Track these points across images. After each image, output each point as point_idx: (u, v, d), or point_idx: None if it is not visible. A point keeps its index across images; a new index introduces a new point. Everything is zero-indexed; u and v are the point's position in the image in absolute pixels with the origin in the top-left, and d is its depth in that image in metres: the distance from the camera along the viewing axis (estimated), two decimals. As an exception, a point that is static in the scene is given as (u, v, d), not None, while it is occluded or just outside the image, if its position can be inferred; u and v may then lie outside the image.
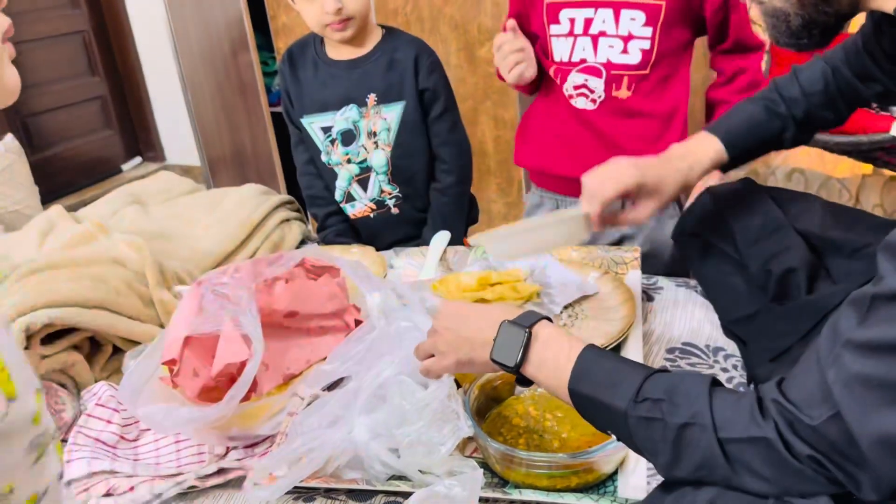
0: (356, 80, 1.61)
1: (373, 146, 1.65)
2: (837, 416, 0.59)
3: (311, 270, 1.11)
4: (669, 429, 0.69)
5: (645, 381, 0.73)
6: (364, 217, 1.74)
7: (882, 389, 0.56)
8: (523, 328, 0.81)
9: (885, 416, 0.56)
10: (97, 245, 1.34)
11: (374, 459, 0.91)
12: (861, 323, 0.59)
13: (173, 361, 0.95)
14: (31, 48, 4.04)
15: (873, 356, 0.57)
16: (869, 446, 0.57)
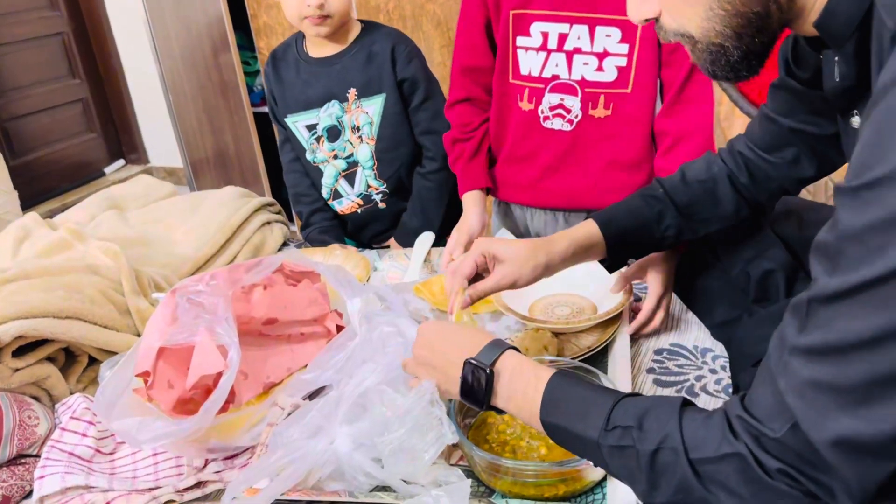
0: (336, 75, 1.62)
1: (358, 140, 1.66)
2: (796, 425, 0.58)
3: (291, 276, 1.08)
4: (642, 455, 0.68)
5: (614, 408, 0.72)
6: (351, 213, 1.75)
7: (831, 393, 0.55)
8: (484, 369, 0.81)
9: (838, 419, 0.55)
10: (72, 253, 1.31)
11: (356, 470, 0.89)
12: (802, 329, 0.58)
13: (147, 373, 0.92)
14: (10, 51, 3.98)
15: (817, 361, 0.56)
16: (828, 451, 0.56)
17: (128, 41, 4.24)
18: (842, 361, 0.55)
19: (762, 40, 0.73)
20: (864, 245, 0.52)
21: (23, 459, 1.00)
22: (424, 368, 0.90)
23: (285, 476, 0.87)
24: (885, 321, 0.52)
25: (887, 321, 0.52)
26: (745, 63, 0.75)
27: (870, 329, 0.53)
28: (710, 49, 0.75)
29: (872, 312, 0.52)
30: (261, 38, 2.90)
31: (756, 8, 0.70)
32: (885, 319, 0.52)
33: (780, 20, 0.72)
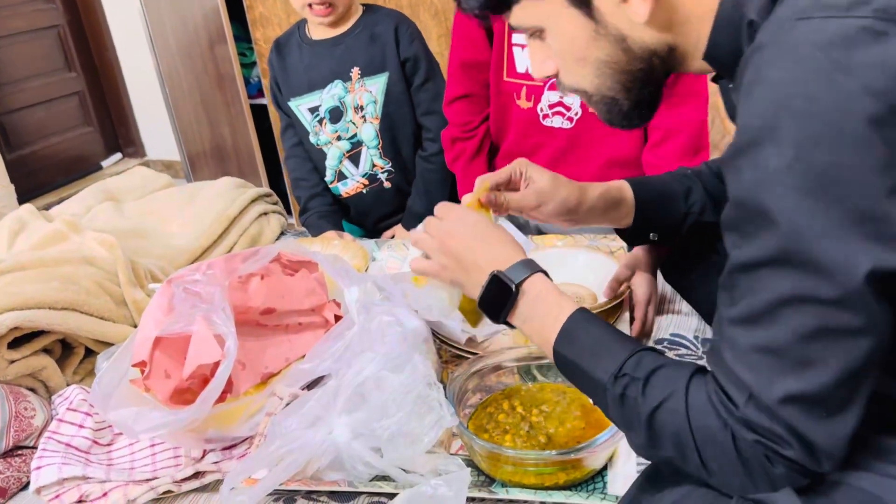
0: (339, 55, 1.64)
1: (361, 120, 1.67)
2: (752, 395, 0.60)
3: (288, 265, 1.08)
4: (644, 410, 0.68)
5: (630, 358, 0.71)
6: (357, 194, 1.75)
7: (771, 355, 0.59)
8: (511, 285, 0.80)
9: (783, 378, 0.58)
10: (68, 244, 1.30)
11: (356, 460, 0.88)
12: (732, 302, 0.62)
13: (143, 363, 0.91)
14: (5, 44, 3.96)
15: (750, 327, 0.60)
16: (783, 411, 0.59)
17: (123, 34, 4.21)
18: (770, 324, 0.59)
19: (649, 90, 0.79)
20: (744, 211, 0.59)
21: (19, 451, 0.99)
22: (446, 258, 0.87)
23: (284, 466, 0.86)
24: (792, 281, 0.57)
25: (794, 281, 0.56)
26: (636, 112, 0.82)
27: (784, 289, 0.57)
28: (604, 101, 0.81)
29: (782, 274, 0.57)
30: (257, 29, 2.88)
31: (640, 65, 0.76)
32: (793, 279, 0.57)
33: (665, 70, 0.78)
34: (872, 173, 0.53)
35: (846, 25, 0.55)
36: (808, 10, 0.57)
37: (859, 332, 0.57)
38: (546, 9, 0.75)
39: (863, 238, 0.54)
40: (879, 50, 0.53)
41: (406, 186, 1.75)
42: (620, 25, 0.73)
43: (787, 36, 0.57)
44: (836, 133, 0.53)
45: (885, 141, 0.53)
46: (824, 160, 0.54)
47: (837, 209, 0.54)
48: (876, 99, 0.52)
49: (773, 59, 0.57)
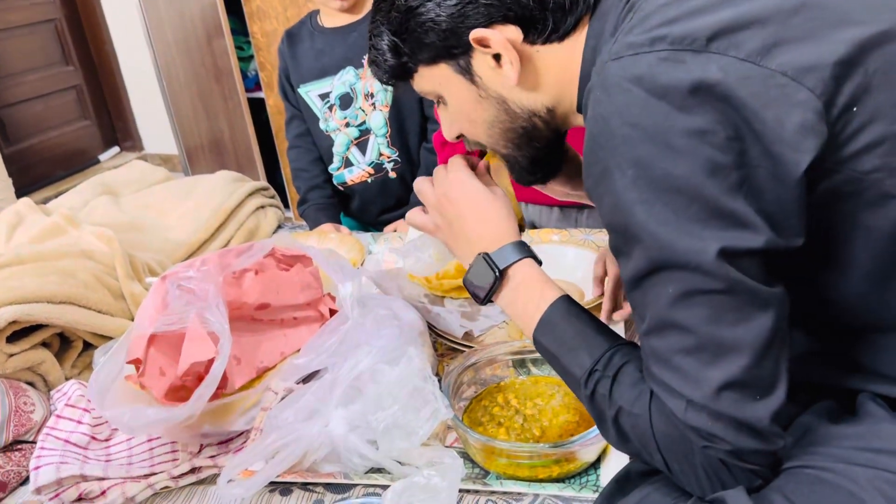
0: (353, 42, 1.65)
1: (370, 108, 1.68)
2: (690, 401, 0.63)
3: (283, 260, 1.08)
4: (611, 409, 0.70)
5: (604, 355, 0.73)
6: (361, 183, 1.75)
7: (689, 355, 0.62)
8: (495, 271, 0.82)
9: (707, 372, 0.62)
10: (66, 238, 1.31)
11: (351, 452, 0.89)
12: (640, 318, 0.67)
13: (138, 361, 0.92)
14: (2, 38, 3.96)
15: (661, 335, 0.64)
16: (718, 404, 0.61)
17: (121, 27, 4.20)
18: (674, 327, 0.63)
19: (539, 146, 0.86)
20: (617, 233, 0.65)
21: (19, 446, 1.00)
22: (441, 218, 0.89)
23: (280, 458, 0.87)
24: (671, 283, 0.62)
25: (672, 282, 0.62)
26: (534, 167, 0.89)
27: (669, 292, 0.62)
28: (506, 159, 0.89)
29: (660, 279, 0.63)
30: (254, 23, 2.88)
31: (523, 123, 0.83)
32: (670, 281, 0.62)
33: (549, 128, 0.84)
34: (703, 176, 0.59)
35: (650, 59, 0.61)
36: (620, 51, 0.64)
37: (755, 310, 0.61)
38: (438, 76, 0.82)
39: (704, 227, 0.60)
40: (681, 73, 0.59)
41: (411, 178, 1.76)
42: (498, 89, 0.80)
43: (606, 75, 0.64)
44: (662, 148, 0.60)
45: (709, 146, 0.59)
46: (660, 173, 0.60)
47: (681, 211, 0.60)
48: (689, 114, 0.59)
49: (599, 98, 0.64)
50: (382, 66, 0.84)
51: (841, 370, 0.71)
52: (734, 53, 0.59)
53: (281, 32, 2.80)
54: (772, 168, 0.59)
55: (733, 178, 0.59)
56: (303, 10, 2.76)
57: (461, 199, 0.87)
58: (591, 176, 0.66)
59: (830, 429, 0.68)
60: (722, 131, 0.59)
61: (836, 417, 0.69)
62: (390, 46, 0.82)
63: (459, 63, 0.79)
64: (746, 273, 0.60)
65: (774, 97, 0.58)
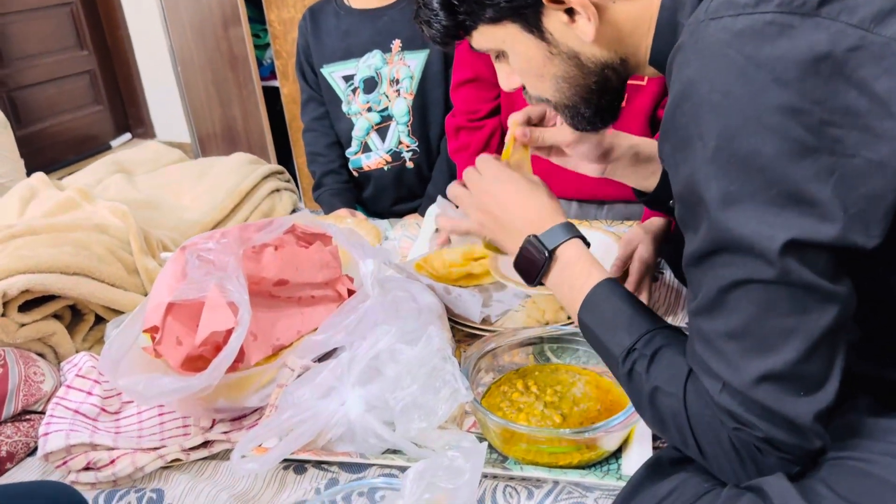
0: (382, 26, 1.63)
1: (395, 94, 1.66)
2: (726, 383, 0.62)
3: (302, 237, 1.06)
4: (647, 387, 0.69)
5: (645, 335, 0.72)
6: (378, 169, 1.73)
7: (734, 340, 0.61)
8: (544, 252, 0.81)
9: (749, 362, 0.60)
10: (80, 212, 1.29)
11: (367, 432, 0.87)
12: (693, 295, 0.65)
13: (155, 329, 0.90)
14: (18, 20, 3.95)
15: (710, 316, 0.63)
16: (757, 394, 0.60)
17: (136, 13, 4.20)
18: (725, 310, 0.61)
19: (608, 98, 0.83)
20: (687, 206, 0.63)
21: (27, 416, 0.98)
22: (484, 215, 0.88)
23: (295, 436, 0.85)
24: (731, 266, 0.60)
25: (733, 266, 0.60)
26: (598, 117, 0.85)
27: (726, 275, 0.60)
28: (566, 109, 0.85)
29: (720, 261, 0.61)
30: (271, 11, 2.86)
31: (594, 78, 0.80)
32: (730, 265, 0.60)
33: (620, 79, 0.81)
34: (789, 158, 0.56)
35: (754, 21, 0.57)
36: (720, 10, 0.60)
37: (813, 305, 0.58)
38: (502, 34, 0.78)
39: (778, 213, 0.57)
40: (786, 42, 0.56)
41: (427, 170, 1.74)
42: (571, 44, 0.77)
43: (700, 35, 0.60)
44: (752, 123, 0.56)
45: (801, 127, 0.55)
46: (743, 148, 0.57)
47: (757, 192, 0.57)
48: (786, 89, 0.55)
49: (689, 59, 0.61)
50: (435, 24, 0.80)
51: (887, 362, 0.68)
52: (846, 19, 0.56)
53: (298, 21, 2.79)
54: (872, 154, 0.56)
55: (823, 164, 0.56)
56: (321, -2, 2.75)
57: (502, 192, 0.86)
58: (668, 141, 0.63)
59: (875, 422, 0.65)
60: (818, 112, 0.55)
61: (880, 411, 0.67)
62: (444, 5, 0.78)
63: (528, 21, 0.75)
64: (812, 266, 0.58)
65: (889, 68, 0.55)
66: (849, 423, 0.66)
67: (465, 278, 1.23)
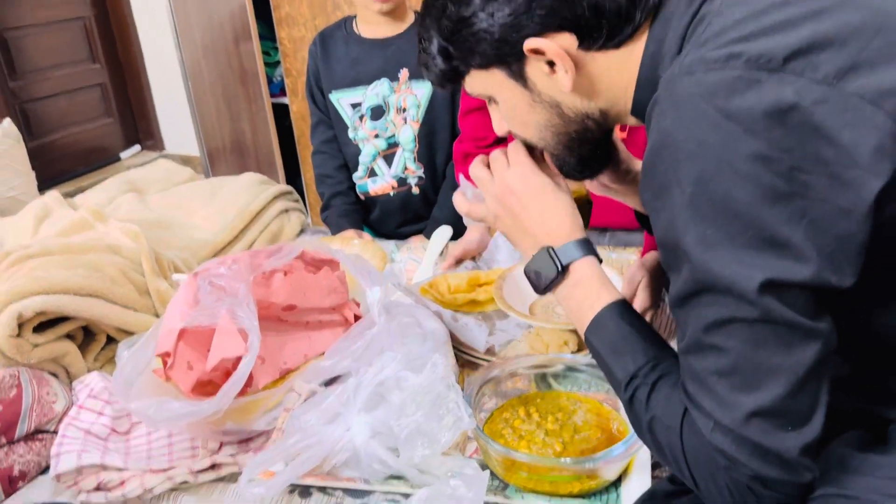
0: (390, 55, 1.66)
1: (401, 122, 1.69)
2: (717, 422, 0.64)
3: (311, 263, 1.09)
4: (646, 416, 0.71)
5: (649, 362, 0.74)
6: (384, 195, 1.76)
7: (723, 378, 0.63)
8: (557, 266, 0.83)
9: (739, 398, 0.62)
10: (92, 233, 1.32)
11: (372, 458, 0.89)
12: (681, 335, 0.68)
13: (167, 354, 0.92)
14: (32, 33, 4.00)
15: (698, 355, 0.65)
16: (746, 431, 0.62)
17: (149, 27, 4.24)
18: (712, 349, 0.64)
19: (589, 148, 0.86)
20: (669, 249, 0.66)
21: (40, 435, 1.00)
22: (503, 209, 0.89)
23: (301, 461, 0.87)
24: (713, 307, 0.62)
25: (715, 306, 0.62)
26: (583, 167, 0.89)
27: (710, 315, 0.63)
28: (554, 158, 0.88)
29: (703, 302, 0.63)
30: (282, 29, 2.90)
31: (575, 127, 0.82)
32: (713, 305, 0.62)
33: (601, 129, 0.84)
34: (762, 203, 0.59)
35: (724, 76, 0.61)
36: (692, 66, 0.63)
37: (795, 341, 0.61)
38: (490, 81, 0.81)
39: (754, 255, 0.60)
40: (754, 95, 0.59)
41: (433, 195, 1.76)
42: (553, 94, 0.80)
43: (675, 89, 0.64)
44: (725, 170, 0.60)
45: (772, 173, 0.58)
46: (718, 194, 0.60)
47: (733, 235, 0.60)
48: (756, 138, 0.58)
49: (666, 111, 0.64)
50: (433, 69, 0.84)
51: (875, 398, 0.70)
52: (811, 75, 0.59)
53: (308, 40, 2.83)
54: (840, 200, 0.58)
55: (794, 207, 0.59)
56: (331, 18, 2.78)
57: (526, 193, 0.87)
58: (649, 189, 0.67)
59: (863, 457, 0.67)
60: (788, 159, 0.58)
61: (869, 446, 0.69)
62: (440, 51, 0.81)
63: (512, 69, 0.78)
64: (791, 305, 0.60)
65: (850, 120, 0.58)
66: (839, 458, 0.68)
67: (469, 304, 1.25)
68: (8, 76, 3.93)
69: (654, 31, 0.74)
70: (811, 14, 0.61)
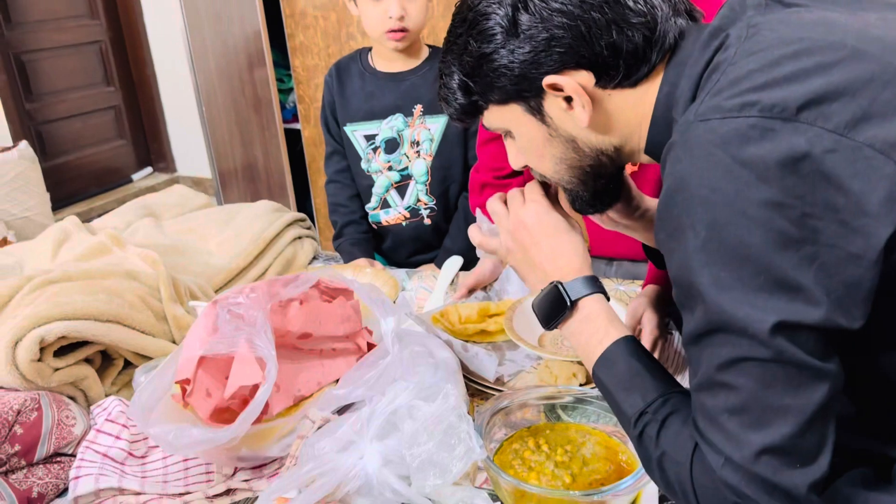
0: (405, 90, 1.69)
1: (415, 155, 1.72)
2: (728, 459, 0.65)
3: (326, 292, 1.11)
4: (655, 452, 0.73)
5: (658, 399, 0.76)
6: (396, 225, 1.79)
7: (735, 416, 0.65)
8: (566, 301, 0.86)
9: (750, 435, 0.64)
10: (111, 258, 1.34)
11: (384, 486, 0.91)
12: (693, 372, 0.70)
13: (187, 381, 0.94)
14: (49, 56, 4.08)
15: (710, 393, 0.67)
16: (756, 467, 0.63)
17: (164, 52, 4.32)
18: (724, 387, 0.65)
19: (603, 182, 0.89)
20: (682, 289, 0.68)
21: (58, 458, 1.02)
22: (515, 244, 0.93)
23: (315, 488, 0.88)
24: (726, 346, 0.64)
25: (728, 346, 0.64)
26: (596, 201, 0.92)
27: (723, 354, 0.65)
28: (567, 192, 0.92)
29: (717, 341, 0.65)
30: (296, 57, 2.96)
31: (589, 162, 0.86)
32: (726, 344, 0.64)
33: (614, 164, 0.87)
34: (774, 248, 0.61)
35: (738, 124, 0.63)
36: (707, 113, 0.65)
37: (805, 382, 0.63)
38: (509, 115, 0.84)
39: (766, 298, 0.62)
40: (768, 144, 0.61)
41: (445, 225, 1.79)
42: (569, 129, 0.83)
43: (690, 135, 0.66)
44: (738, 216, 0.62)
45: (784, 219, 0.60)
46: (731, 239, 0.62)
47: (746, 279, 0.62)
48: (769, 185, 0.61)
49: (681, 156, 0.66)
50: (452, 103, 0.87)
51: (881, 437, 0.72)
52: (822, 125, 0.61)
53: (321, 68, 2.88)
54: (849, 247, 0.60)
55: (805, 253, 0.60)
56: (344, 47, 2.84)
57: (538, 229, 0.91)
58: (663, 230, 0.69)
59: (868, 495, 0.69)
60: (799, 206, 0.60)
61: (874, 484, 0.70)
62: (461, 86, 0.84)
63: (531, 104, 0.81)
64: (802, 346, 0.62)
65: (861, 170, 0.60)
66: (845, 496, 0.69)
67: (480, 334, 1.27)
68: (24, 98, 4.00)
69: (669, 73, 0.77)
70: (823, 66, 0.64)
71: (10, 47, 3.89)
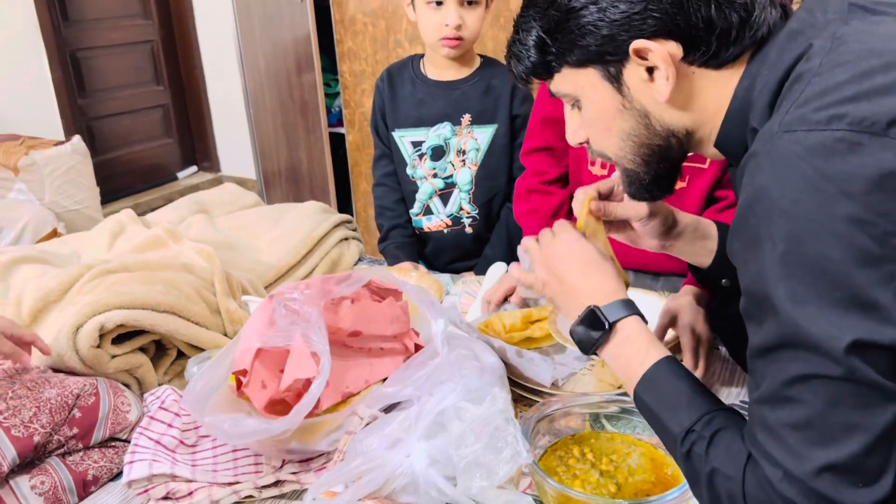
0: (454, 100, 1.70)
1: (460, 164, 1.74)
2: (787, 472, 0.64)
3: (376, 292, 1.13)
4: (705, 469, 0.72)
5: (704, 416, 0.75)
6: (437, 231, 1.81)
7: (798, 431, 0.64)
8: (604, 324, 0.85)
9: (812, 452, 0.63)
10: (167, 251, 1.38)
11: (430, 486, 0.92)
12: (756, 385, 0.69)
13: (244, 372, 0.97)
14: (102, 54, 4.19)
15: (773, 407, 0.66)
16: (816, 484, 0.63)
17: (214, 53, 4.41)
18: (790, 402, 0.65)
19: (667, 166, 0.87)
20: (753, 300, 0.67)
21: (113, 443, 1.05)
22: (549, 275, 0.93)
23: (362, 483, 0.90)
24: (797, 362, 0.63)
25: (799, 361, 0.63)
26: (655, 185, 0.89)
27: (792, 370, 0.64)
28: (626, 173, 0.89)
29: (787, 356, 0.64)
30: (344, 63, 3.00)
31: (658, 141, 0.83)
32: (797, 360, 0.63)
33: (681, 149, 0.85)
34: (854, 265, 0.60)
35: (825, 137, 0.62)
36: (793, 124, 0.64)
37: (875, 402, 0.62)
38: (582, 80, 0.82)
39: (843, 315, 0.61)
40: (855, 158, 0.60)
41: (486, 235, 1.80)
42: (644, 102, 0.80)
43: (774, 146, 0.65)
44: (819, 230, 0.61)
45: (866, 236, 0.60)
46: (811, 253, 0.61)
47: (824, 294, 0.61)
48: (853, 201, 0.60)
49: (762, 166, 0.65)
50: (525, 60, 0.84)
51: None
52: None
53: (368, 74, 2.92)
54: None
55: (885, 271, 0.60)
56: (392, 54, 2.87)
57: (570, 257, 0.91)
58: (739, 240, 0.68)
59: None
60: (883, 224, 0.59)
61: None
62: (537, 43, 0.81)
63: (609, 70, 0.79)
64: (874, 366, 0.61)
65: None
66: None
67: (526, 341, 1.28)
68: (77, 94, 4.11)
69: (752, 66, 0.76)
70: None
71: (67, 44, 4.00)
